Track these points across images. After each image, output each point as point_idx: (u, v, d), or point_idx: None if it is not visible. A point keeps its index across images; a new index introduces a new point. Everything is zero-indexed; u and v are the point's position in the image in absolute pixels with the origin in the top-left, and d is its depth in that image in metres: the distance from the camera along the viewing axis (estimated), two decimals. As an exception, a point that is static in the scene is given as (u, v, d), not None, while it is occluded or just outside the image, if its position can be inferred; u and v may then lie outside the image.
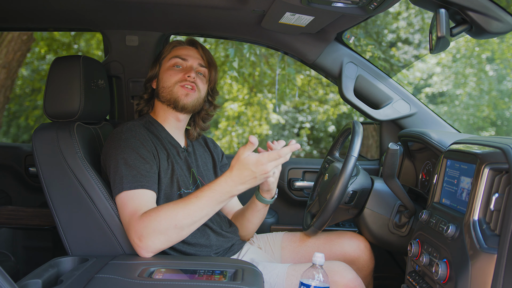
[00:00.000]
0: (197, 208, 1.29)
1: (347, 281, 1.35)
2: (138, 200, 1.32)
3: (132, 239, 1.29)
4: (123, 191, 1.33)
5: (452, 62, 8.37)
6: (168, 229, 1.27)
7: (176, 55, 1.61)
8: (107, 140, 1.46)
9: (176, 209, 1.28)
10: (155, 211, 1.29)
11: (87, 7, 1.71)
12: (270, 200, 1.63)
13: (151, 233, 1.26)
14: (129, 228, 1.29)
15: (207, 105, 1.71)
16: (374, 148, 2.31)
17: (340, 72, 1.97)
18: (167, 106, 1.58)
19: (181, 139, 1.64)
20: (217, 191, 1.29)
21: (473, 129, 7.84)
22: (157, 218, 1.27)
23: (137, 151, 1.39)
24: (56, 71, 1.48)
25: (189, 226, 1.30)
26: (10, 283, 0.80)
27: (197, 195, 1.30)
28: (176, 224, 1.27)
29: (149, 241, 1.26)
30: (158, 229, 1.26)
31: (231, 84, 6.93)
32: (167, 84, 1.57)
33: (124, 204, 1.33)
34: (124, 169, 1.35)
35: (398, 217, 1.57)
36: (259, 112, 7.57)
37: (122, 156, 1.37)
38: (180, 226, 1.28)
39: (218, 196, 1.29)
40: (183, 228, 1.29)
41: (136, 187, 1.33)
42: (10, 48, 5.05)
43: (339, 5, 1.39)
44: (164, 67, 1.62)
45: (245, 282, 1.13)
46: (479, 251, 0.98)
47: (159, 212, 1.28)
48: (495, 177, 1.03)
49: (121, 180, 1.34)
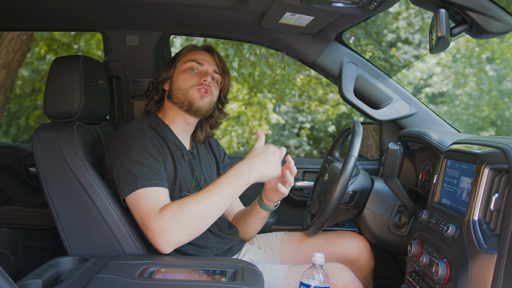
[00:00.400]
0: (216, 195, 1.32)
1: (345, 283, 1.35)
2: (154, 197, 1.33)
3: (152, 235, 1.28)
4: (138, 189, 1.33)
5: (452, 62, 8.37)
6: (190, 219, 1.28)
7: (192, 59, 1.62)
8: (113, 139, 1.46)
9: (197, 198, 1.31)
10: (176, 203, 1.30)
11: (87, 7, 1.71)
12: (274, 208, 1.64)
13: (173, 226, 1.27)
14: (147, 224, 1.29)
15: (217, 112, 1.72)
16: (374, 148, 2.31)
17: (340, 72, 1.97)
18: (178, 108, 1.58)
19: (186, 142, 1.64)
20: (231, 176, 1.35)
21: (473, 129, 7.84)
22: (179, 209, 1.28)
23: (147, 149, 1.40)
24: (56, 71, 1.48)
25: (210, 215, 1.32)
26: (10, 283, 0.80)
27: (214, 183, 1.36)
28: (198, 212, 1.29)
29: (170, 235, 1.27)
30: (180, 220, 1.27)
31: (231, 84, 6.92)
32: (183, 86, 1.57)
33: (140, 202, 1.32)
34: (136, 168, 1.35)
35: (398, 217, 1.57)
36: (259, 112, 7.57)
37: (132, 155, 1.37)
38: (202, 215, 1.30)
39: (235, 183, 1.35)
40: (204, 217, 1.31)
41: (150, 185, 1.34)
42: (10, 48, 5.05)
43: (339, 5, 1.39)
44: (179, 70, 1.62)
45: (245, 282, 1.13)
46: (479, 251, 0.98)
47: (181, 204, 1.30)
48: (495, 177, 1.03)
49: (134, 178, 1.34)
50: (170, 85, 1.63)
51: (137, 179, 1.33)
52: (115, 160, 1.40)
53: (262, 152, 1.40)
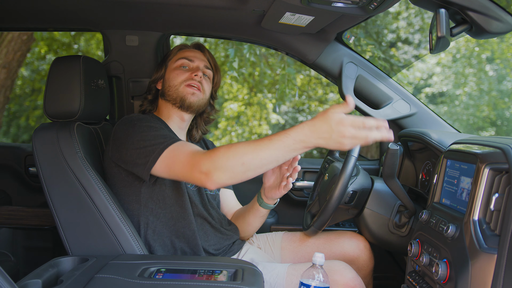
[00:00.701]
0: (268, 151, 1.23)
1: (347, 280, 1.35)
2: (189, 146, 1.33)
3: (197, 175, 1.26)
4: (169, 145, 1.32)
5: (452, 62, 8.36)
6: (235, 167, 1.23)
7: (183, 56, 1.64)
8: (115, 130, 1.45)
9: (246, 149, 1.24)
10: (225, 148, 1.26)
11: (87, 7, 1.71)
12: (273, 206, 1.65)
13: (218, 169, 1.23)
14: (193, 164, 1.27)
15: (209, 108, 1.74)
16: (374, 148, 2.31)
17: (340, 72, 1.97)
18: (172, 105, 1.60)
19: (183, 138, 1.66)
20: (291, 137, 1.22)
21: (473, 129, 7.83)
22: (226, 154, 1.24)
23: (155, 126, 1.41)
24: (56, 71, 1.48)
25: (256, 168, 1.25)
26: (10, 283, 0.80)
27: (270, 138, 1.24)
28: (244, 162, 1.23)
29: (215, 176, 1.24)
30: (225, 166, 1.23)
31: (231, 84, 6.94)
32: (174, 83, 1.59)
33: (177, 153, 1.32)
34: (153, 137, 1.35)
35: (398, 217, 1.57)
36: (259, 112, 7.57)
37: (143, 129, 1.38)
38: (248, 166, 1.24)
39: (291, 142, 1.22)
40: (250, 169, 1.24)
41: (175, 141, 1.34)
42: (10, 48, 5.05)
43: (339, 5, 1.39)
44: (170, 68, 1.65)
45: (245, 282, 1.13)
46: (479, 251, 0.98)
47: (229, 150, 1.25)
48: (495, 177, 1.03)
49: (159, 141, 1.33)
50: (162, 84, 1.65)
51: (162, 141, 1.33)
52: (125, 145, 1.38)
53: (332, 126, 1.18)
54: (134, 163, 1.36)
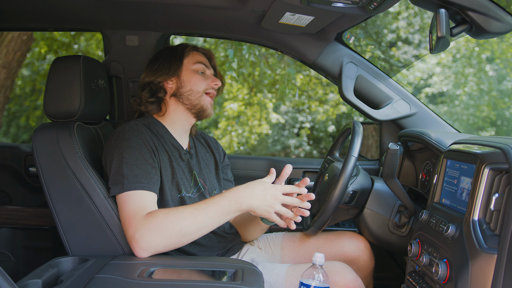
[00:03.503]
0: (205, 215, 1.28)
1: (347, 281, 1.35)
2: (140, 201, 1.32)
3: (131, 237, 1.27)
4: (124, 191, 1.32)
5: (452, 62, 8.36)
6: (172, 233, 1.26)
7: (200, 61, 1.60)
8: (109, 139, 1.46)
9: (184, 214, 1.28)
10: (163, 212, 1.28)
11: (87, 7, 1.71)
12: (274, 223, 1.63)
13: (154, 234, 1.25)
14: (129, 226, 1.28)
15: None
16: (374, 148, 2.31)
17: (340, 72, 1.97)
18: (185, 109, 1.57)
19: (184, 142, 1.63)
20: (226, 198, 1.30)
21: (473, 129, 7.83)
22: (164, 220, 1.26)
23: (140, 151, 1.39)
24: (56, 71, 1.48)
25: (193, 233, 1.29)
26: (10, 283, 0.80)
27: (206, 201, 1.31)
28: (182, 228, 1.26)
29: (150, 241, 1.25)
30: (162, 231, 1.25)
31: (231, 84, 6.93)
32: (197, 89, 1.56)
33: (125, 204, 1.32)
34: (125, 169, 1.34)
35: (398, 217, 1.57)
36: (259, 112, 7.57)
37: (124, 156, 1.36)
38: (185, 232, 1.27)
39: (226, 204, 1.29)
40: (187, 234, 1.28)
41: (137, 188, 1.33)
42: (10, 48, 5.05)
43: (339, 5, 1.39)
44: (188, 69, 1.57)
45: (245, 282, 1.13)
46: (479, 251, 0.98)
47: (167, 215, 1.27)
48: (495, 177, 1.03)
49: (122, 180, 1.33)
50: (178, 84, 1.56)
51: (125, 182, 1.33)
52: (108, 160, 1.40)
53: (266, 189, 1.32)
54: (108, 177, 1.39)
